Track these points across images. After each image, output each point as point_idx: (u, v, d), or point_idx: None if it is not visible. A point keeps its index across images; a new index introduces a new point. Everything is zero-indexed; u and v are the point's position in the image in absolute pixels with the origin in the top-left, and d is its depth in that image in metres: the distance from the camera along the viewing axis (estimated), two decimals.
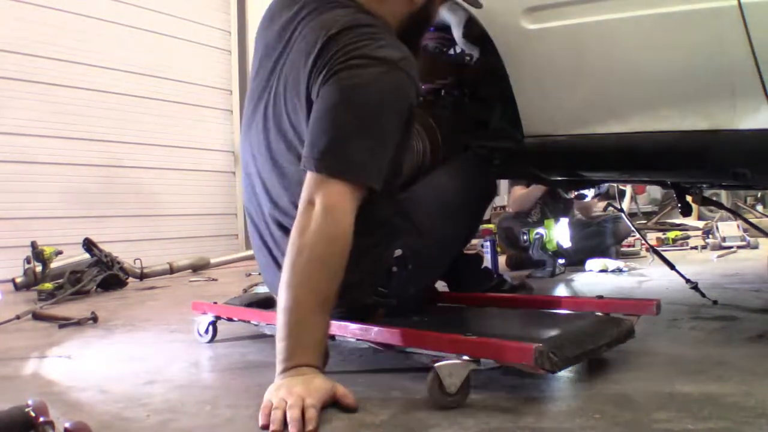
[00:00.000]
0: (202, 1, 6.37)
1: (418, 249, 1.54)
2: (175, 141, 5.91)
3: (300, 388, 1.07)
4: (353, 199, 1.23)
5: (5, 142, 4.62)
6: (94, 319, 2.33)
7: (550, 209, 3.83)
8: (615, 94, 1.68)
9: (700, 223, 6.10)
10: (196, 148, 6.15)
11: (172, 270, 4.30)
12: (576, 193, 3.60)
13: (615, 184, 3.12)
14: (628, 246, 4.30)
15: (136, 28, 5.60)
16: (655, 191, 7.93)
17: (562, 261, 3.36)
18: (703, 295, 2.06)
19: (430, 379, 1.11)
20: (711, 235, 4.55)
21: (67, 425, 0.97)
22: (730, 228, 4.45)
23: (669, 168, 1.88)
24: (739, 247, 4.26)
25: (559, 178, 2.39)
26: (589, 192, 3.33)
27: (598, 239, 3.80)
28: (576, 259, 3.52)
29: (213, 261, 4.82)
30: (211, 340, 1.84)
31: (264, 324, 1.71)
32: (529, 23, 1.71)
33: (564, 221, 3.45)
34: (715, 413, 1.01)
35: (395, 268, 1.51)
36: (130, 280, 3.86)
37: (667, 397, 1.12)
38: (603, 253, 3.62)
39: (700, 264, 3.55)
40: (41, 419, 0.95)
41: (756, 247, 4.27)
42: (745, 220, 3.04)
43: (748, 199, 7.76)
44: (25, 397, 1.04)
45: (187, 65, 6.08)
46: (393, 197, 1.47)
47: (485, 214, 2.40)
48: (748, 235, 4.36)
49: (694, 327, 1.75)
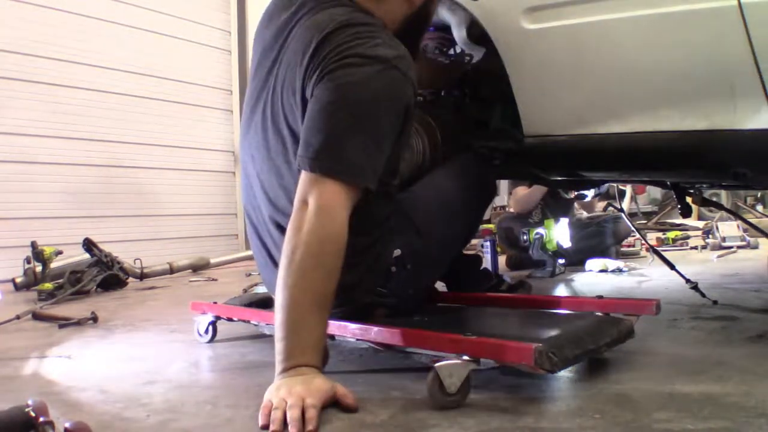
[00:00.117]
0: (202, 1, 6.37)
1: (418, 249, 1.54)
2: (175, 141, 5.91)
3: (300, 388, 1.07)
4: (347, 199, 1.23)
5: (5, 142, 4.62)
6: (94, 319, 2.33)
7: (550, 209, 3.83)
8: (615, 94, 1.68)
9: (700, 223, 6.10)
10: (196, 148, 6.15)
11: (172, 270, 4.30)
12: (576, 193, 3.60)
13: (615, 184, 3.12)
14: (628, 246, 4.30)
15: (136, 28, 5.60)
16: (655, 191, 7.93)
17: (562, 261, 3.36)
18: (703, 295, 2.06)
19: (430, 379, 1.11)
20: (711, 235, 4.54)
21: (67, 425, 0.97)
22: (730, 228, 4.45)
23: (669, 168, 1.89)
24: (739, 247, 4.26)
25: (560, 178, 2.39)
26: (589, 192, 3.34)
27: (598, 239, 3.79)
28: (576, 259, 3.52)
29: (213, 261, 4.82)
30: (210, 340, 1.84)
31: (264, 324, 1.71)
32: (530, 23, 1.71)
33: (564, 221, 3.45)
34: (715, 413, 1.01)
35: (394, 268, 1.52)
36: (130, 280, 3.86)
37: (667, 397, 1.12)
38: (603, 253, 3.62)
39: (700, 264, 3.55)
40: (41, 419, 0.95)
41: (756, 247, 4.27)
42: (745, 221, 3.04)
43: (748, 199, 7.76)
44: (25, 397, 1.04)
45: (187, 65, 6.08)
46: (391, 197, 1.47)
47: (485, 214, 2.40)
48: (748, 235, 4.36)
49: (694, 327, 1.75)
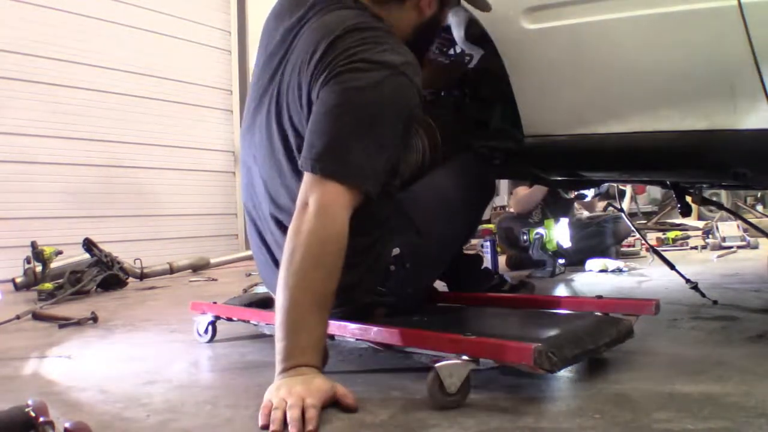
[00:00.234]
0: (202, 1, 6.36)
1: (417, 248, 1.54)
2: (175, 141, 5.91)
3: (300, 388, 1.07)
4: (348, 201, 1.23)
5: (5, 142, 4.62)
6: (94, 319, 2.33)
7: (550, 209, 3.83)
8: (615, 94, 1.68)
9: (700, 223, 6.10)
10: (196, 148, 6.15)
11: (172, 270, 4.30)
12: (576, 193, 3.60)
13: (615, 184, 3.12)
14: (628, 246, 4.30)
15: (136, 28, 5.60)
16: (655, 191, 7.94)
17: (562, 261, 3.36)
18: (703, 295, 2.06)
19: (430, 379, 1.11)
20: (711, 235, 4.54)
21: (67, 425, 0.97)
22: (730, 228, 4.45)
23: (669, 168, 1.88)
24: (739, 247, 4.26)
25: (560, 178, 2.39)
26: (589, 192, 3.34)
27: (598, 239, 3.79)
28: (576, 259, 3.52)
29: (213, 261, 4.82)
30: (210, 340, 1.84)
31: (263, 324, 1.71)
32: (530, 23, 1.71)
33: (564, 221, 3.45)
34: (715, 413, 1.01)
35: (393, 267, 1.52)
36: (130, 280, 3.86)
37: (667, 397, 1.12)
38: (603, 253, 3.62)
39: (700, 264, 3.55)
40: (41, 419, 0.95)
41: (756, 247, 4.27)
42: (745, 221, 3.04)
43: (748, 199, 7.76)
44: (25, 397, 1.04)
45: (187, 65, 6.08)
46: (392, 197, 1.47)
47: (485, 214, 2.39)
48: (748, 235, 4.36)
49: (694, 327, 1.75)
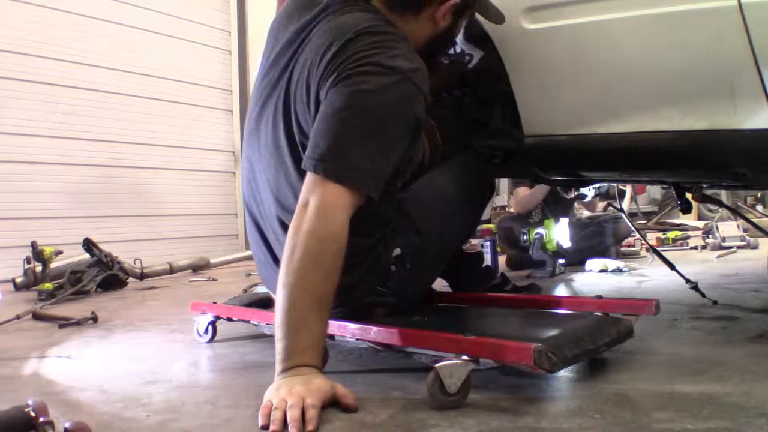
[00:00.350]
0: (202, 1, 6.36)
1: (417, 248, 1.54)
2: (175, 141, 5.90)
3: (300, 388, 1.07)
4: (348, 203, 1.23)
5: (5, 142, 4.61)
6: (94, 319, 2.33)
7: (550, 209, 3.83)
8: (615, 94, 1.68)
9: (700, 223, 6.10)
10: (196, 148, 6.14)
11: (172, 270, 4.30)
12: (576, 193, 3.60)
13: (615, 184, 3.12)
14: (628, 246, 4.31)
15: (136, 28, 5.59)
16: (655, 191, 7.93)
17: (562, 261, 3.36)
18: (703, 295, 2.06)
19: (430, 379, 1.11)
20: (711, 235, 4.54)
21: (67, 425, 0.97)
22: (730, 228, 4.45)
23: (669, 168, 1.89)
24: (739, 247, 4.26)
25: (560, 178, 2.39)
26: (589, 192, 3.34)
27: (598, 239, 3.80)
28: (576, 259, 3.52)
29: (213, 261, 4.82)
30: (210, 340, 1.83)
31: (263, 324, 1.71)
32: (529, 23, 1.71)
33: (564, 221, 3.45)
34: (715, 413, 1.01)
35: (394, 267, 1.52)
36: (130, 280, 3.86)
37: (667, 397, 1.12)
38: (603, 253, 3.63)
39: (700, 264, 3.55)
40: (41, 419, 0.95)
41: (756, 247, 4.27)
42: (746, 219, 3.04)
43: (748, 199, 7.76)
44: (25, 397, 1.04)
45: (187, 65, 6.07)
46: (393, 199, 1.47)
47: (485, 214, 2.39)
48: (748, 235, 4.36)
49: (694, 327, 1.75)
